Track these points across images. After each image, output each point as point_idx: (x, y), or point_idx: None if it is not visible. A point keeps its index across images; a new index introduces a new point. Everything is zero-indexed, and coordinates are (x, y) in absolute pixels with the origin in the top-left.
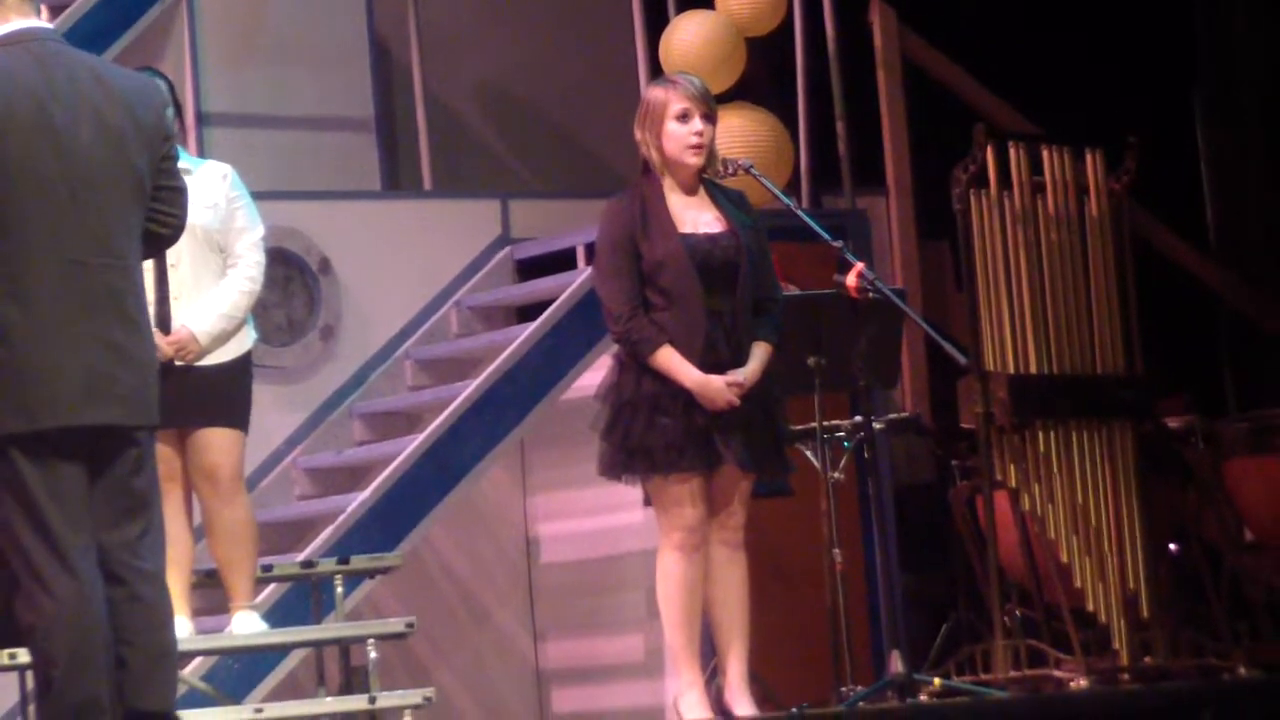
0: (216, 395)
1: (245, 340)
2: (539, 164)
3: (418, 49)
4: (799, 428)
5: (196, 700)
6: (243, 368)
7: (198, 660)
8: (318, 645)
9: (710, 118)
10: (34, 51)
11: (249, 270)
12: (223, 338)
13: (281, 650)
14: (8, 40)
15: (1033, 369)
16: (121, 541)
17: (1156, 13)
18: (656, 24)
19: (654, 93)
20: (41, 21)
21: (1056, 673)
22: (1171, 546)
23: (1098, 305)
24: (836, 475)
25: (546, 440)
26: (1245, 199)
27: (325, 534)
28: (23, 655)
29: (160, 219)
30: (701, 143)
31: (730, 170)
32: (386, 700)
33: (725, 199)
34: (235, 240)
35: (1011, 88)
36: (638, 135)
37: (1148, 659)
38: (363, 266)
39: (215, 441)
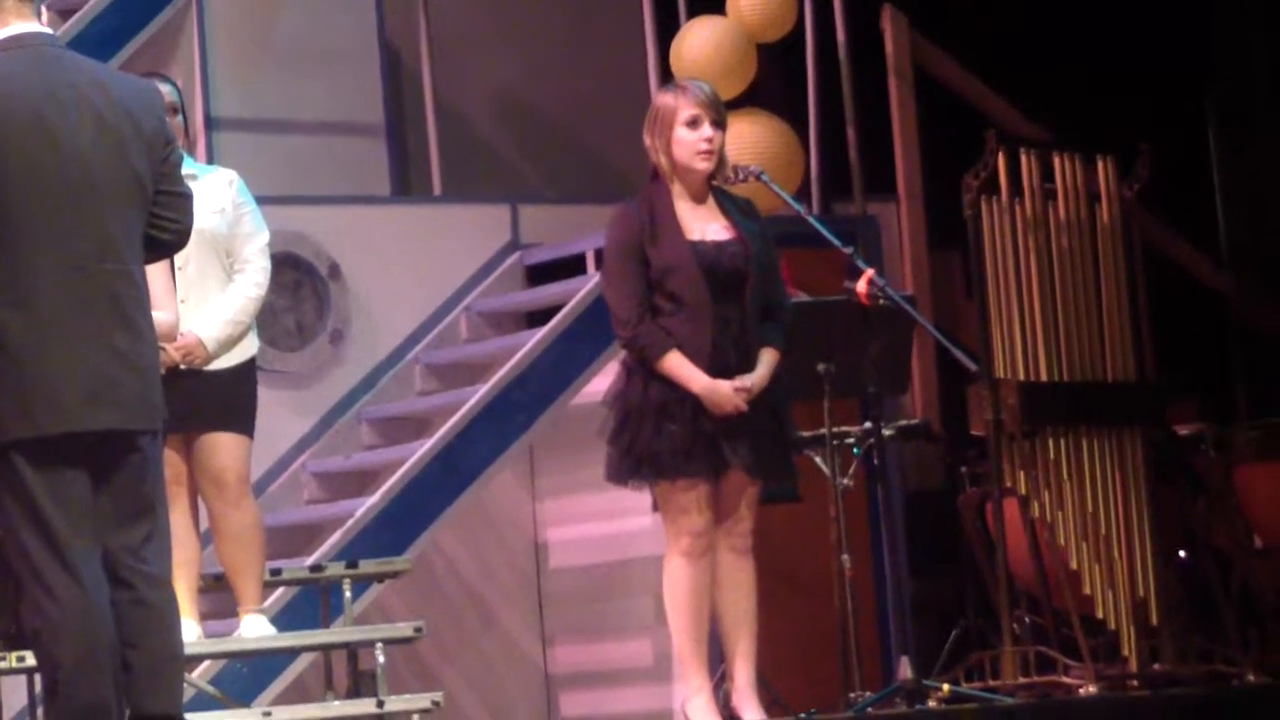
0: (222, 400)
1: (250, 346)
2: (549, 169)
3: (428, 54)
4: (808, 434)
5: (204, 704)
6: (247, 373)
7: (206, 664)
8: (326, 649)
9: (720, 124)
10: (33, 55)
11: (255, 276)
12: (229, 343)
13: (289, 654)
14: (6, 44)
15: (1043, 376)
16: (126, 545)
17: (1170, 17)
18: (667, 29)
19: (664, 98)
20: (41, 26)
21: (1065, 679)
22: (1181, 553)
23: (1108, 312)
24: (846, 481)
25: (555, 445)
26: (1258, 206)
27: (334, 538)
28: (30, 658)
29: (161, 224)
30: (711, 149)
31: (741, 176)
32: (395, 704)
33: (733, 206)
34: (242, 245)
35: (1023, 94)
36: (647, 141)
37: (1157, 665)
38: (372, 271)
39: (221, 446)
